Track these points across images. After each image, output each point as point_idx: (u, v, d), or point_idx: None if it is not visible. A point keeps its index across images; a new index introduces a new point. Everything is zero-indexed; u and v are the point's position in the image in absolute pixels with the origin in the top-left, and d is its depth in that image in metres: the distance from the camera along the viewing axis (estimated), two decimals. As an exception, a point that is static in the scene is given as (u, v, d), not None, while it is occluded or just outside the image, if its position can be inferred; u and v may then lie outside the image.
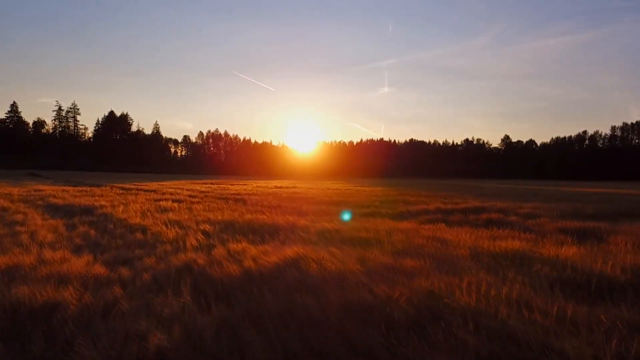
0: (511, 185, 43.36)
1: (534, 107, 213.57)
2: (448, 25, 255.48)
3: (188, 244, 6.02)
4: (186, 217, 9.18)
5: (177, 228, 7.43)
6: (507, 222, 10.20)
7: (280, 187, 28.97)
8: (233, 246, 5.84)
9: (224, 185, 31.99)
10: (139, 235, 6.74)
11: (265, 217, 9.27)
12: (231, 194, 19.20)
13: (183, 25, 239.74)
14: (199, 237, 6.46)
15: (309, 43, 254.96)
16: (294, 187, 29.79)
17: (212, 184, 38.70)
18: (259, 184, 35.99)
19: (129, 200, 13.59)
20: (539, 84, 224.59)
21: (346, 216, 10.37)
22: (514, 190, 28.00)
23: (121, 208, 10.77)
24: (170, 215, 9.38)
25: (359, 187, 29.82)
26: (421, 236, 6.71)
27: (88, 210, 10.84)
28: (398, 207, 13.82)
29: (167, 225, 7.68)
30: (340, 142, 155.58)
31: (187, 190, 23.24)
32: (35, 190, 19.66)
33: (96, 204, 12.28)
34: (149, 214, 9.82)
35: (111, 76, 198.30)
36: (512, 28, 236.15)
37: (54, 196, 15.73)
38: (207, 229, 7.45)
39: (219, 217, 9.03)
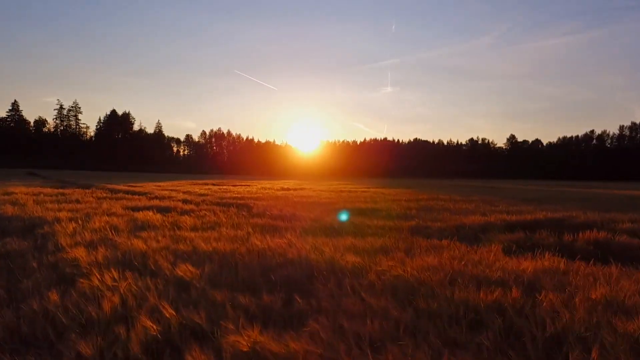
0: (540, 187, 39.83)
1: (537, 107, 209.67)
2: (451, 25, 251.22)
3: (133, 335, 2.76)
4: (163, 243, 5.93)
5: (135, 274, 4.16)
6: (633, 248, 6.97)
7: (288, 189, 25.71)
8: (231, 341, 2.61)
9: (226, 187, 28.76)
10: (53, 297, 3.47)
11: (283, 242, 6.02)
12: (233, 198, 16.01)
13: (185, 24, 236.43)
14: (165, 307, 3.20)
15: (312, 42, 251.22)
16: (302, 189, 26.55)
17: (214, 184, 35.49)
18: (263, 185, 32.77)
19: (99, 211, 10.34)
20: (542, 83, 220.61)
21: (396, 240, 7.09)
22: (559, 194, 24.66)
23: (74, 225, 7.50)
24: (140, 240, 6.12)
25: (374, 189, 26.53)
26: (590, 300, 3.45)
27: (30, 228, 7.61)
28: (445, 218, 10.55)
29: (120, 267, 4.41)
30: (343, 141, 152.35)
31: (183, 193, 20.03)
32: (3, 194, 16.48)
33: (52, 216, 9.05)
34: (111, 234, 6.59)
35: (114, 76, 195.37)
36: (515, 28, 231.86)
37: (15, 203, 12.52)
38: (187, 275, 4.19)
39: (212, 244, 5.78)
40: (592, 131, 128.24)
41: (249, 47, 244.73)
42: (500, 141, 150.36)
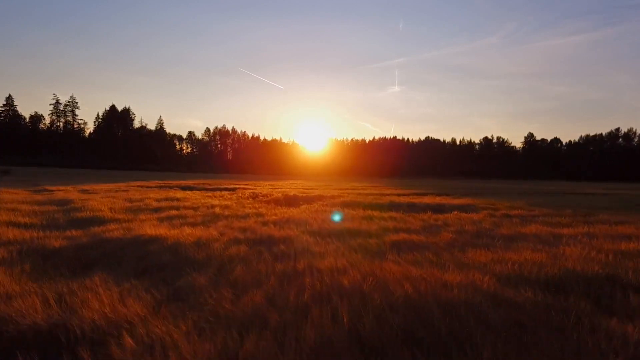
0: (611, 191, 26.79)
1: (545, 106, 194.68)
2: (459, 24, 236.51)
3: None
4: None
5: None
6: None
7: (296, 200, 13.86)
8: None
9: (203, 195, 16.86)
10: None
11: None
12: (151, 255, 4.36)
13: (191, 23, 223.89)
14: None
15: (319, 41, 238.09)
16: (321, 197, 14.70)
17: (194, 186, 23.83)
18: (260, 189, 20.85)
19: None
20: (550, 83, 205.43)
21: None
22: None
23: None
24: None
25: (416, 195, 14.45)
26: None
27: None
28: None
29: None
30: (352, 140, 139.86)
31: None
32: None
33: None
34: None
35: (119, 75, 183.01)
36: (523, 27, 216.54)
37: None
38: None
39: None
40: (618, 129, 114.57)
41: (256, 46, 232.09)
42: (512, 141, 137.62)
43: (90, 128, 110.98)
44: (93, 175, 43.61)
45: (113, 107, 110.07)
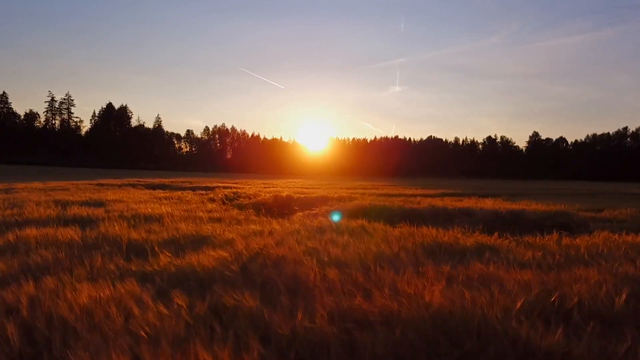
0: None
1: (545, 106, 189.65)
2: (461, 24, 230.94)
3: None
4: None
5: None
6: None
7: (293, 210, 9.58)
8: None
9: (155, 197, 12.57)
10: None
11: None
12: None
13: (192, 23, 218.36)
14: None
15: (319, 41, 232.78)
16: (325, 201, 10.49)
17: (169, 185, 19.56)
18: (248, 188, 16.51)
19: None
20: (551, 83, 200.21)
21: None
22: None
23: None
24: None
25: (448, 196, 10.13)
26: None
27: None
28: None
29: None
30: (353, 139, 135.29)
31: None
32: None
33: None
34: None
35: (119, 75, 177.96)
36: (525, 27, 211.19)
37: None
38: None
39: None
40: (626, 128, 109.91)
41: (256, 46, 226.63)
42: (515, 141, 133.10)
43: (86, 126, 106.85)
44: (73, 174, 39.37)
45: (110, 105, 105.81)
